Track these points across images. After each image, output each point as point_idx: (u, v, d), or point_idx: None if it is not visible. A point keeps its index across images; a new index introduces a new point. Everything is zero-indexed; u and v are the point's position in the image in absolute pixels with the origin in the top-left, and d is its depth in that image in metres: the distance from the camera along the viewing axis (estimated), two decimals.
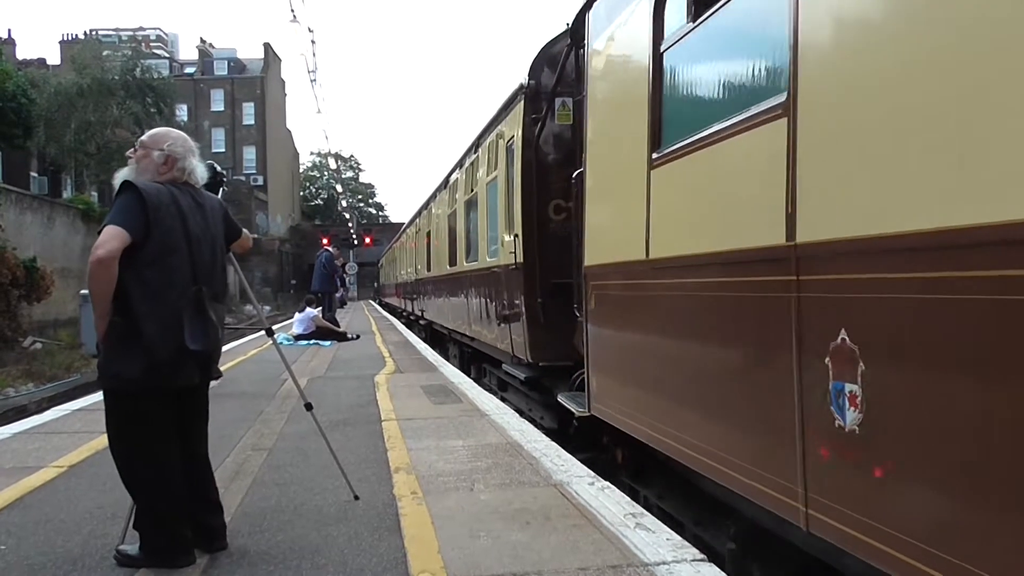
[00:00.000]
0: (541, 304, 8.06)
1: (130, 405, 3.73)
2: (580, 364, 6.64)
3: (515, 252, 8.52)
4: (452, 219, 15.02)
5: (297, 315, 18.92)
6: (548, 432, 7.38)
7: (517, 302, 8.68)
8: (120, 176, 3.83)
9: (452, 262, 14.67)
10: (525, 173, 8.56)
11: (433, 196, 19.09)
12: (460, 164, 14.10)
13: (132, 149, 4.02)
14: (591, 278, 5.89)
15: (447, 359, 14.87)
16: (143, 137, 4.06)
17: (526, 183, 8.52)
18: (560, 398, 6.90)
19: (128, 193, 3.69)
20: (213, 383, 4.17)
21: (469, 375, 12.27)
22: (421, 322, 23.05)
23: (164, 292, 3.65)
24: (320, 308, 19.33)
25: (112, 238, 3.56)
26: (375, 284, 62.63)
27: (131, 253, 3.60)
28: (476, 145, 12.05)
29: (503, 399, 10.08)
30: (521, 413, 8.70)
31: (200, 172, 4.04)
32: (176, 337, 3.64)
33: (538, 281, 8.13)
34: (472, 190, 12.60)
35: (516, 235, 8.56)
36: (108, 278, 3.56)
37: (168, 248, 3.69)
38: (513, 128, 9.12)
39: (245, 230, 4.53)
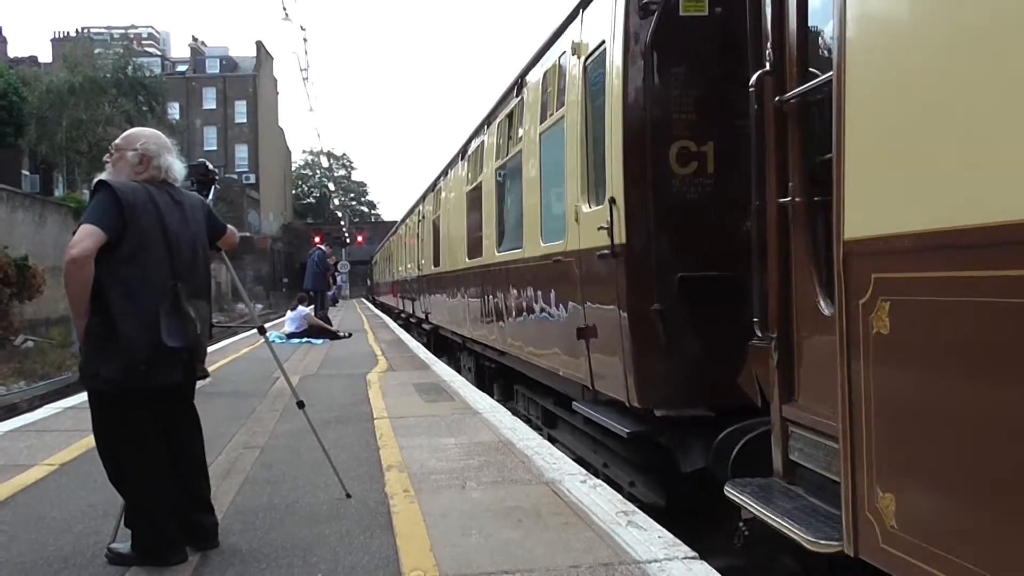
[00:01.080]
0: (660, 313, 5.01)
1: (114, 406, 3.73)
2: (736, 416, 4.53)
3: (611, 228, 5.35)
4: (474, 198, 11.48)
5: (289, 313, 18.89)
6: (645, 508, 4.91)
7: (609, 308, 5.56)
8: (97, 179, 3.82)
9: (475, 253, 11.24)
10: (631, 99, 5.24)
11: (443, 174, 15.59)
12: (488, 121, 10.57)
13: (107, 154, 4.00)
14: (876, 264, 2.90)
15: (459, 372, 12.65)
16: (116, 140, 4.03)
17: (632, 116, 5.23)
18: (735, 492, 3.86)
19: (102, 192, 3.68)
20: (201, 383, 4.16)
21: (491, 395, 9.82)
22: (425, 326, 19.50)
23: (141, 290, 3.64)
24: (312, 306, 19.30)
25: (86, 237, 3.54)
26: (367, 282, 62.47)
27: (107, 252, 3.59)
28: (518, 85, 8.62)
29: (551, 439, 7.49)
30: (591, 469, 6.07)
31: (178, 168, 4.01)
32: (153, 334, 3.61)
33: (655, 274, 5.10)
34: (509, 152, 9.26)
35: (612, 200, 5.38)
36: (83, 278, 3.55)
37: (145, 246, 3.67)
38: (601, 30, 5.73)
39: (231, 227, 4.51)
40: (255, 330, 5.29)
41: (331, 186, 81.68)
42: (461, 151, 13.04)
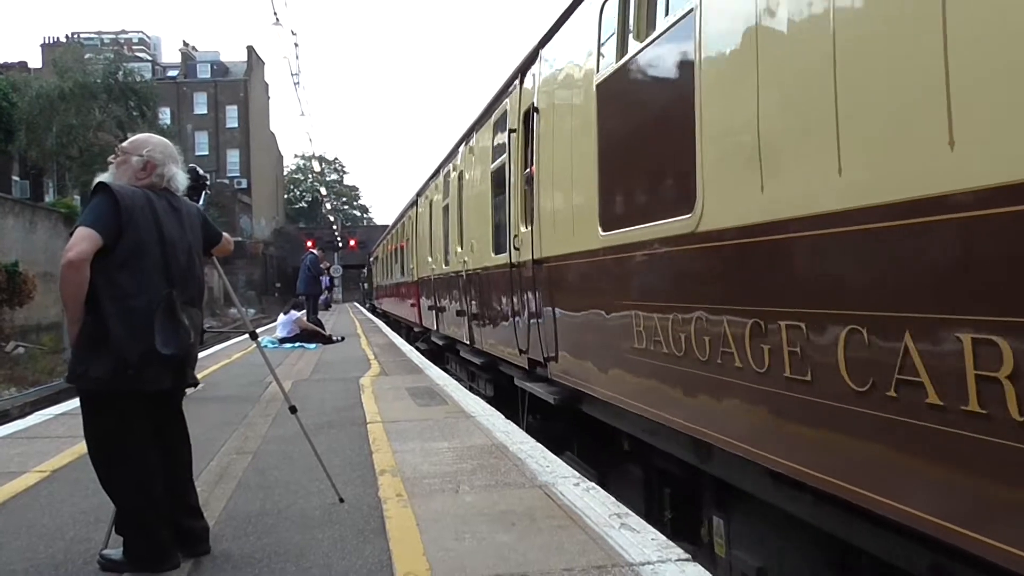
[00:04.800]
0: None
1: (105, 410, 3.72)
2: None
3: None
4: None
5: (281, 317, 18.86)
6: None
7: None
8: (97, 180, 3.82)
9: None
10: None
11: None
12: None
13: (113, 155, 4.01)
14: None
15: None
16: (124, 143, 4.07)
17: None
18: None
19: (101, 194, 3.68)
20: (191, 390, 4.15)
21: None
22: (544, 394, 7.10)
23: (135, 295, 3.63)
24: (304, 311, 19.31)
25: (82, 240, 3.54)
26: (361, 287, 62.01)
27: (103, 255, 3.59)
28: None
29: None
30: None
31: (180, 179, 4.03)
32: (145, 340, 3.60)
33: None
34: None
35: None
36: (79, 281, 3.54)
37: (140, 251, 3.67)
38: None
39: (226, 234, 4.52)
40: (247, 335, 5.29)
41: (323, 190, 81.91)
42: None
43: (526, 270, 7.68)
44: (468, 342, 11.43)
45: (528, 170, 7.63)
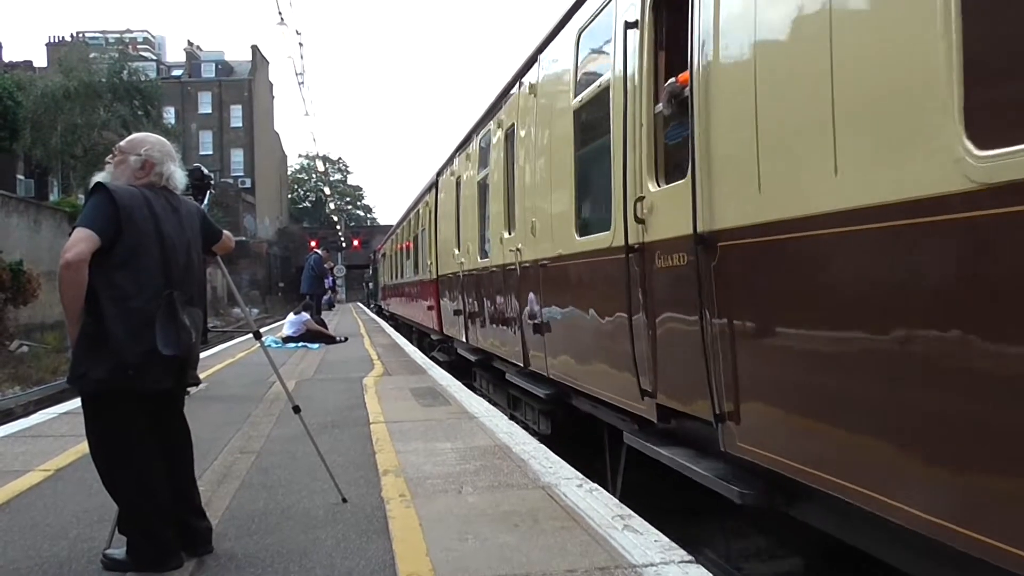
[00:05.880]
0: None
1: (107, 410, 3.72)
2: None
3: None
4: None
5: (291, 316, 18.91)
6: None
7: None
8: (95, 180, 3.81)
9: None
10: None
11: None
12: None
13: (110, 155, 4.01)
14: None
15: None
16: (121, 143, 4.05)
17: None
18: None
19: (99, 194, 3.67)
20: (194, 389, 4.15)
21: None
22: (707, 474, 4.28)
23: (135, 296, 3.62)
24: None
25: (80, 240, 3.53)
26: (366, 286, 61.80)
27: (101, 256, 3.58)
28: None
29: None
30: None
31: (179, 177, 4.02)
32: (145, 340, 3.59)
33: None
34: None
35: None
36: (78, 282, 3.53)
37: (139, 251, 3.66)
38: None
39: (226, 231, 4.51)
40: (251, 335, 5.29)
41: (327, 190, 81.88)
42: None
43: (669, 256, 4.68)
44: (520, 363, 8.54)
45: (672, 81, 4.76)
